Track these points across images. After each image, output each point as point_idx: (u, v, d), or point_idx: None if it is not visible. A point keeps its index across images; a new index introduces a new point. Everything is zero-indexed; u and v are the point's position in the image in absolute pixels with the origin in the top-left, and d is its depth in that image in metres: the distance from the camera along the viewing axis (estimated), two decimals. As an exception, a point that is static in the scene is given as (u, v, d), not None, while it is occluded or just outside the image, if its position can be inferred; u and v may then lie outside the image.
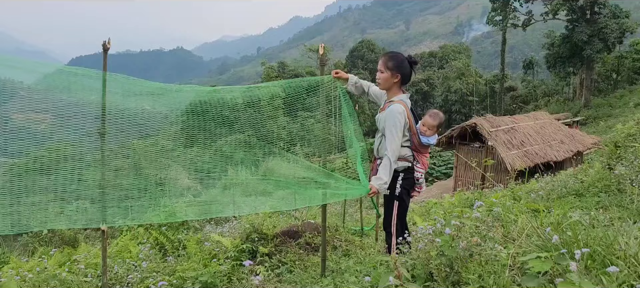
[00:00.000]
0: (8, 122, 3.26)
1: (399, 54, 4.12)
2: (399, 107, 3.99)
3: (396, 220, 4.07)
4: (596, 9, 38.97)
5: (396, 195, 4.09)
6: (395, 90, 4.12)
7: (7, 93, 3.28)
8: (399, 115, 3.95)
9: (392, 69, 4.03)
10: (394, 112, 3.95)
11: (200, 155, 4.76)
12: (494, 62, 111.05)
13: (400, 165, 4.06)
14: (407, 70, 4.09)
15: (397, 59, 4.05)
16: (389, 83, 4.08)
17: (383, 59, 4.09)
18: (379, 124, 4.11)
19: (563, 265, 2.25)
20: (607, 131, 26.43)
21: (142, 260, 4.99)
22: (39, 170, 3.44)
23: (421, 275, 3.06)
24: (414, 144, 4.12)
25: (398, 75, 4.03)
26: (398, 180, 4.08)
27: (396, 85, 4.09)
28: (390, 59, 4.07)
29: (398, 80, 4.06)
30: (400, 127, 3.93)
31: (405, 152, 4.11)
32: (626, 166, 6.04)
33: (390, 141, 3.91)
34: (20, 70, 3.16)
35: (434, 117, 4.28)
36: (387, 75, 4.06)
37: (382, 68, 4.06)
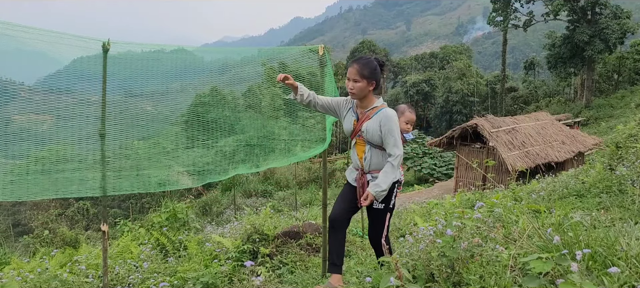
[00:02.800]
0: (9, 123, 3.26)
1: (371, 60, 3.79)
2: (392, 110, 3.78)
3: (386, 231, 3.82)
4: (597, 10, 38.98)
5: (390, 208, 3.83)
6: (371, 98, 3.82)
7: (9, 94, 3.29)
8: (396, 119, 3.73)
9: (368, 77, 3.71)
10: (392, 117, 3.69)
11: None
12: (494, 63, 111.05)
13: (398, 175, 3.80)
14: (380, 75, 3.81)
15: (372, 66, 3.74)
16: (365, 91, 3.76)
17: (356, 67, 3.73)
18: (367, 134, 3.74)
19: (564, 266, 2.25)
20: (608, 132, 26.43)
21: (143, 260, 5.00)
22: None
23: (422, 275, 3.06)
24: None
25: (374, 82, 3.74)
26: (394, 191, 3.83)
27: (372, 93, 3.80)
28: (365, 66, 3.73)
29: (373, 87, 3.77)
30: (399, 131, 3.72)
31: None
32: (627, 167, 6.03)
33: (397, 146, 3.65)
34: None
35: (413, 110, 4.17)
36: (362, 85, 3.73)
37: (357, 77, 3.72)
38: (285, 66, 4.74)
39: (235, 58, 4.79)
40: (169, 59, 4.26)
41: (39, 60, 3.25)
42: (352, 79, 3.72)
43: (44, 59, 3.20)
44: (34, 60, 3.25)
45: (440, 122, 54.92)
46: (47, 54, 3.17)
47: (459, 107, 52.25)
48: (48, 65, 3.33)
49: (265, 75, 4.57)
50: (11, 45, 2.94)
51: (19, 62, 3.24)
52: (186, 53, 3.13)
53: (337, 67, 58.64)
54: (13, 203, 33.69)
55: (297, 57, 4.45)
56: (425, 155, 33.23)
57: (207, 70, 4.88)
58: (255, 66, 4.40)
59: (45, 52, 3.15)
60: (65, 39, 3.11)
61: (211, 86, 4.96)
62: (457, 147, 23.30)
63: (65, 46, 3.13)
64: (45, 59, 3.20)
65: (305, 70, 4.62)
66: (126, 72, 3.34)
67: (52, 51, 3.17)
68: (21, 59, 3.19)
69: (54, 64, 3.32)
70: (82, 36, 3.17)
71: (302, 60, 4.41)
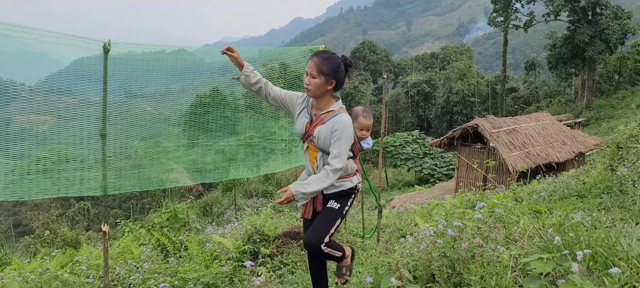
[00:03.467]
0: (10, 123, 3.27)
1: (334, 55, 3.41)
2: (349, 117, 3.39)
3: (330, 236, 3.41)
4: (598, 10, 38.95)
5: (343, 214, 3.49)
6: (329, 98, 3.42)
7: (10, 94, 3.29)
8: (351, 126, 3.34)
9: (327, 74, 3.31)
10: (347, 126, 3.29)
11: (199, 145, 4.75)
12: (495, 63, 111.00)
13: (354, 182, 3.52)
14: (343, 75, 3.40)
15: (334, 63, 3.34)
16: (322, 90, 3.35)
17: (315, 60, 3.33)
18: (319, 140, 3.34)
19: (565, 267, 2.25)
20: (609, 132, 26.40)
21: (144, 261, 5.00)
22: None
23: (423, 276, 3.06)
24: (354, 153, 3.59)
25: (333, 81, 3.34)
26: (351, 197, 3.53)
27: (330, 93, 3.40)
28: (326, 62, 3.33)
29: (332, 87, 3.37)
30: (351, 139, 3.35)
31: (353, 165, 3.57)
32: (628, 167, 6.03)
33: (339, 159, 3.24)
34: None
35: (368, 114, 3.77)
36: (320, 82, 3.32)
37: (314, 72, 3.31)
38: (286, 66, 4.74)
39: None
40: (169, 59, 4.27)
41: (39, 61, 3.26)
42: (309, 73, 3.33)
43: (45, 59, 3.21)
44: (35, 61, 3.26)
45: (440, 122, 54.89)
46: (48, 54, 3.18)
47: (460, 107, 52.23)
48: (49, 65, 3.33)
49: (266, 76, 4.56)
50: (12, 45, 2.95)
51: (20, 63, 3.24)
52: (187, 54, 3.14)
53: (338, 67, 58.59)
54: (14, 204, 33.72)
55: (298, 58, 4.45)
56: (426, 155, 33.22)
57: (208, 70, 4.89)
58: (256, 67, 4.39)
59: (46, 53, 3.15)
60: (66, 40, 3.11)
61: (212, 87, 4.96)
62: (457, 148, 23.30)
63: (66, 47, 3.14)
64: (46, 59, 3.21)
65: (306, 71, 4.61)
66: (127, 73, 3.35)
67: (52, 52, 3.17)
68: (22, 60, 3.19)
69: (54, 64, 3.33)
70: (83, 36, 3.17)
71: (303, 61, 4.40)
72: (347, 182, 3.49)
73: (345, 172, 3.43)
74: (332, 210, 3.45)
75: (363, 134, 3.70)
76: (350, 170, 3.51)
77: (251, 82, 3.57)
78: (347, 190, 3.51)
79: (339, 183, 3.43)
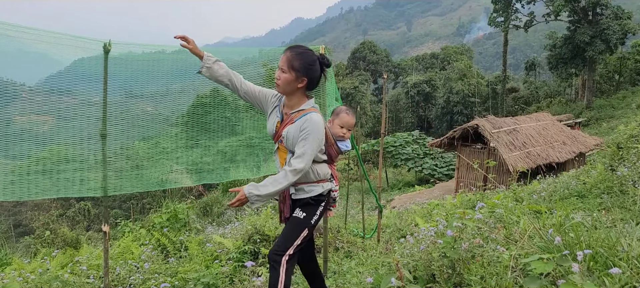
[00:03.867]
0: (10, 124, 3.27)
1: (310, 52, 3.17)
2: (320, 117, 3.13)
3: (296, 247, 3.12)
4: (598, 10, 38.96)
5: (311, 223, 3.18)
6: (300, 97, 3.18)
7: (10, 95, 3.29)
8: (321, 127, 3.08)
9: (297, 71, 3.08)
10: (316, 125, 3.04)
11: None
12: (495, 63, 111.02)
13: (325, 188, 3.23)
14: (317, 74, 3.16)
15: (307, 59, 3.10)
16: (292, 87, 3.13)
17: (288, 54, 3.11)
18: (288, 141, 3.10)
19: (565, 267, 2.25)
20: (609, 132, 26.40)
21: (144, 261, 5.00)
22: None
23: (423, 276, 3.06)
24: (330, 157, 3.33)
25: (304, 79, 3.10)
26: (320, 205, 3.23)
27: (301, 91, 3.17)
28: (298, 57, 3.10)
29: (304, 85, 3.13)
30: (320, 141, 3.08)
31: (326, 170, 3.28)
32: (628, 167, 6.03)
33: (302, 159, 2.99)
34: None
35: (351, 113, 3.51)
36: (290, 77, 3.09)
37: (285, 66, 3.09)
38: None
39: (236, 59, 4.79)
40: (169, 59, 4.27)
41: (40, 61, 3.26)
42: (280, 67, 3.11)
43: (45, 59, 3.21)
44: (35, 61, 3.26)
45: (441, 122, 54.90)
46: (48, 54, 3.18)
47: (460, 107, 52.24)
48: (49, 65, 3.34)
49: (266, 76, 4.56)
50: (12, 46, 2.95)
51: (20, 63, 3.25)
52: (187, 54, 3.12)
53: (338, 68, 58.66)
54: (14, 204, 33.72)
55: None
56: (426, 155, 33.23)
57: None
58: (257, 67, 4.40)
59: (47, 53, 3.15)
60: (67, 40, 3.11)
61: (212, 87, 4.97)
62: (458, 148, 23.30)
63: (66, 47, 3.14)
64: (47, 59, 3.21)
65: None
66: (127, 73, 3.35)
67: (53, 52, 3.17)
68: (22, 60, 3.19)
69: (55, 64, 3.33)
70: (83, 37, 3.17)
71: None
72: (316, 187, 3.19)
73: (316, 176, 3.18)
74: (296, 219, 3.18)
75: (344, 133, 3.44)
76: (323, 176, 3.22)
77: (217, 75, 3.27)
78: (315, 198, 3.20)
79: (309, 188, 3.17)
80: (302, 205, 3.19)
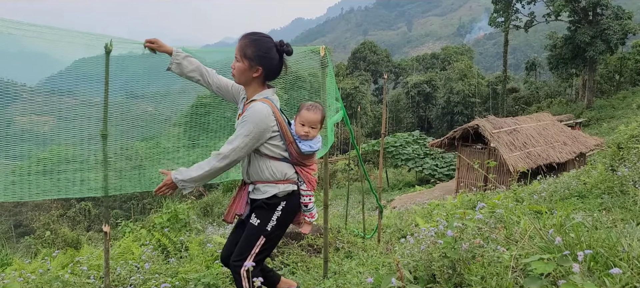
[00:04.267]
0: (11, 124, 3.27)
1: (265, 39, 2.92)
2: (264, 106, 2.85)
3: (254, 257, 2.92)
4: (598, 10, 38.97)
5: (267, 230, 2.95)
6: (256, 87, 2.97)
7: (10, 95, 3.30)
8: (262, 116, 2.81)
9: (251, 59, 2.85)
10: (255, 112, 2.81)
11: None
12: (496, 64, 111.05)
13: (281, 189, 2.97)
14: (274, 63, 2.92)
15: (262, 47, 2.88)
16: (246, 77, 2.91)
17: (241, 42, 2.90)
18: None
19: (566, 267, 2.24)
20: (609, 132, 26.41)
21: (145, 261, 5.01)
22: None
23: (424, 276, 3.06)
24: (294, 157, 3.01)
25: (259, 68, 2.88)
26: (276, 210, 2.98)
27: (257, 81, 2.95)
28: (251, 44, 2.87)
29: (259, 74, 2.91)
30: (257, 131, 2.81)
31: (286, 171, 2.99)
32: (629, 167, 6.03)
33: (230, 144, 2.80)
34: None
35: (314, 109, 3.08)
36: (242, 66, 2.88)
37: (238, 55, 2.88)
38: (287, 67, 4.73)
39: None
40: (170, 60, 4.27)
41: (40, 61, 3.26)
42: (235, 56, 2.91)
43: (46, 59, 3.21)
44: (36, 62, 3.26)
45: (441, 122, 54.94)
46: (49, 54, 3.18)
47: (460, 107, 52.28)
48: (50, 66, 3.34)
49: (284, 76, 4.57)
50: (13, 46, 2.95)
51: (20, 63, 3.25)
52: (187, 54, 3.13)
53: (338, 68, 58.68)
54: (15, 204, 33.75)
55: (299, 58, 4.44)
56: (427, 156, 33.23)
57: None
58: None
59: (47, 53, 3.15)
60: (68, 38, 3.11)
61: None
62: (458, 148, 23.30)
63: (67, 46, 3.14)
64: (47, 59, 3.21)
65: (306, 71, 4.62)
66: (128, 73, 3.36)
67: (54, 52, 3.17)
68: (23, 60, 3.19)
69: (55, 64, 3.33)
70: (86, 32, 3.16)
71: (304, 61, 4.40)
72: (271, 188, 2.96)
73: (272, 175, 2.94)
74: (251, 227, 2.97)
75: (306, 132, 3.03)
76: (281, 176, 2.96)
77: (187, 71, 3.13)
78: (269, 201, 2.97)
79: (264, 188, 2.96)
80: (256, 209, 3.00)
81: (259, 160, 2.94)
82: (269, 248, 3.03)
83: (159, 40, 3.14)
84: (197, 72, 3.15)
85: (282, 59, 2.97)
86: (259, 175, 2.96)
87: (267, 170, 2.94)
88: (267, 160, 2.94)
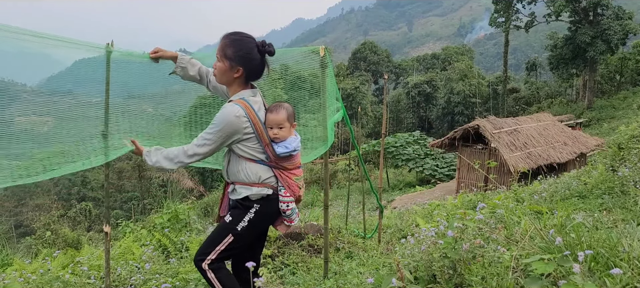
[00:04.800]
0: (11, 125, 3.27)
1: (246, 39, 2.87)
2: (235, 108, 2.78)
3: (217, 254, 2.88)
4: (599, 11, 38.97)
5: (236, 229, 2.89)
6: (236, 87, 2.92)
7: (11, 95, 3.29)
8: (231, 118, 2.75)
9: (231, 59, 2.82)
10: (225, 114, 2.76)
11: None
12: (496, 64, 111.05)
13: (254, 192, 2.89)
14: (255, 63, 2.88)
15: (243, 47, 2.83)
16: (227, 77, 2.89)
17: (221, 42, 2.87)
18: None
19: (566, 267, 2.24)
20: (610, 133, 26.41)
21: (145, 262, 5.01)
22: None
23: (424, 276, 3.05)
24: (272, 160, 2.92)
25: (240, 69, 2.84)
26: (250, 211, 2.91)
27: (238, 82, 2.90)
28: (231, 44, 2.83)
29: (240, 75, 2.86)
30: (223, 133, 2.77)
31: (262, 174, 2.91)
32: (630, 168, 6.03)
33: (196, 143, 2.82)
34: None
35: (276, 108, 2.93)
36: (224, 67, 2.85)
37: (219, 55, 2.85)
38: (287, 67, 4.73)
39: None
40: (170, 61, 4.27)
41: (41, 62, 3.26)
42: (216, 56, 2.89)
43: (47, 60, 3.21)
44: (37, 62, 3.26)
45: (442, 123, 54.93)
46: (49, 55, 3.18)
47: (461, 108, 52.26)
48: (50, 66, 3.34)
49: (267, 77, 4.56)
50: (14, 46, 2.95)
51: (21, 63, 3.25)
52: (188, 55, 3.13)
53: (339, 68, 58.70)
54: (15, 205, 33.78)
55: (299, 59, 4.44)
56: (427, 156, 33.22)
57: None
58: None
59: (48, 54, 3.16)
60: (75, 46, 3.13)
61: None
62: (458, 148, 23.29)
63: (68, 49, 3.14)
64: (48, 60, 3.21)
65: (307, 72, 4.61)
66: (128, 74, 3.36)
67: (55, 52, 3.18)
68: (24, 61, 3.20)
69: (56, 65, 3.33)
70: (86, 42, 3.17)
71: (304, 62, 4.40)
72: (244, 190, 2.90)
73: (247, 177, 2.88)
74: (223, 223, 2.95)
75: (275, 134, 2.89)
76: (256, 178, 2.89)
77: (190, 74, 3.19)
78: (243, 201, 2.92)
79: (240, 189, 2.91)
80: (232, 208, 3.00)
81: (237, 161, 2.90)
82: (236, 249, 2.95)
83: (160, 48, 3.17)
84: (199, 73, 3.20)
85: (264, 59, 2.93)
86: (236, 176, 2.92)
87: (242, 172, 2.89)
88: (243, 162, 2.89)
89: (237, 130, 2.78)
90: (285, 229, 3.11)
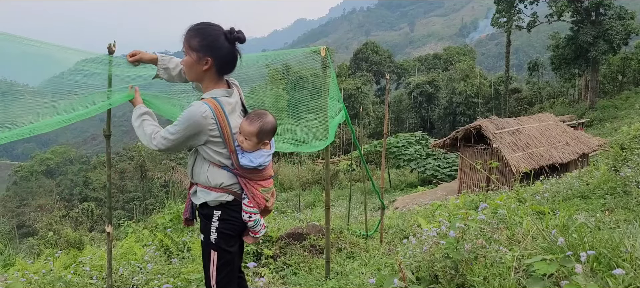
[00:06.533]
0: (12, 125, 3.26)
1: (210, 27, 2.63)
2: (202, 107, 2.57)
3: (216, 277, 2.77)
4: (601, 11, 38.89)
5: (212, 243, 2.74)
6: (209, 82, 2.71)
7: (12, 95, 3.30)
8: (196, 118, 2.55)
9: (197, 50, 2.61)
10: (190, 112, 2.57)
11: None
12: (498, 64, 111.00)
13: (213, 197, 2.71)
14: (224, 51, 2.63)
15: (208, 36, 2.60)
16: (196, 72, 2.68)
17: (185, 35, 2.64)
18: None
19: (569, 268, 2.24)
20: (612, 133, 26.35)
21: (147, 262, 5.01)
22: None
23: (426, 277, 3.05)
24: (236, 168, 2.71)
25: (208, 59, 2.61)
26: (213, 220, 2.73)
27: (209, 75, 2.68)
28: (196, 34, 2.61)
29: (209, 67, 2.63)
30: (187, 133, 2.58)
31: (223, 179, 2.71)
32: (632, 168, 6.02)
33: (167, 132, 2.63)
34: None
35: (253, 119, 2.71)
36: (190, 60, 2.65)
37: (185, 48, 2.66)
38: (289, 67, 4.73)
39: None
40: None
41: (42, 62, 3.26)
42: (183, 50, 2.70)
43: (48, 60, 3.21)
44: (38, 62, 3.27)
45: (443, 123, 54.84)
46: (51, 55, 3.19)
47: (463, 108, 52.18)
48: (51, 66, 3.34)
49: (268, 77, 4.55)
50: (16, 48, 2.96)
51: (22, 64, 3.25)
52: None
53: (341, 68, 58.68)
54: (17, 205, 33.86)
55: (301, 59, 4.45)
56: (429, 156, 33.17)
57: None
58: (259, 68, 4.40)
59: (50, 54, 3.16)
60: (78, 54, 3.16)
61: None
62: (460, 149, 23.26)
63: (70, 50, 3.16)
64: (49, 60, 3.22)
65: (308, 72, 4.62)
66: (130, 75, 3.35)
67: (56, 53, 3.19)
68: (25, 61, 3.20)
69: (57, 65, 3.34)
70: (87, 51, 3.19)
71: (306, 62, 4.41)
72: (202, 193, 2.74)
73: (206, 181, 2.71)
74: (202, 244, 2.84)
75: (240, 141, 2.68)
76: (215, 184, 2.70)
77: (173, 75, 3.01)
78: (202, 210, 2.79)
79: (200, 192, 2.75)
80: (200, 224, 2.84)
81: (201, 162, 2.73)
82: (229, 261, 2.80)
83: (139, 51, 3.04)
84: (181, 72, 2.99)
85: (234, 48, 2.68)
86: (198, 177, 2.75)
87: (203, 174, 2.71)
88: (206, 164, 2.71)
89: (202, 131, 2.58)
90: (252, 240, 2.93)
